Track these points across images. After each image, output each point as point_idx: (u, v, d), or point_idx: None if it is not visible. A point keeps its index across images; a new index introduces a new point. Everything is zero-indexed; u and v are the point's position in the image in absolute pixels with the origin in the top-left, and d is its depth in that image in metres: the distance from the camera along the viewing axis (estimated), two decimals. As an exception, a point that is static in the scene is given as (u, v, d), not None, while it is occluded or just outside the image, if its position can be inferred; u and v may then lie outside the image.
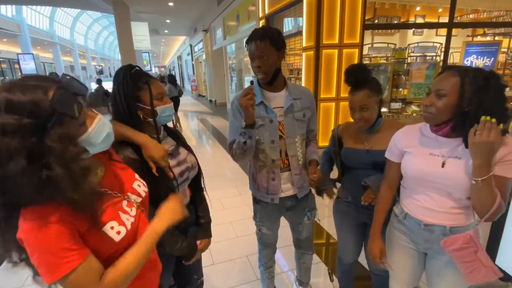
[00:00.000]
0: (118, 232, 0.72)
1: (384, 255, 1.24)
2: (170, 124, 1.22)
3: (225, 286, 2.03)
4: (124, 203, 0.78)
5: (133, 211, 0.79)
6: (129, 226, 0.75)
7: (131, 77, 1.02)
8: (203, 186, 1.32)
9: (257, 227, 1.62)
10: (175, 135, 1.24)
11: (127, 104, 1.01)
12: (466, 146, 0.93)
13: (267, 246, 1.67)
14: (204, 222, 1.30)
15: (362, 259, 2.19)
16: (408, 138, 1.12)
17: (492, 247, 1.80)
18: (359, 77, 1.28)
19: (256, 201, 1.55)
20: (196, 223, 1.30)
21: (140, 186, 0.86)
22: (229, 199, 3.41)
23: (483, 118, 0.85)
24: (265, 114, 1.35)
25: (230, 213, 3.07)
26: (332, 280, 1.97)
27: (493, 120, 0.84)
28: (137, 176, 0.88)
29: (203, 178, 1.31)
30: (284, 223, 1.67)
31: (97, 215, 0.68)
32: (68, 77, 0.68)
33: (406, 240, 1.19)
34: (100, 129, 0.69)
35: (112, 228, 0.71)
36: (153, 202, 0.92)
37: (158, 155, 1.00)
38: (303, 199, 1.52)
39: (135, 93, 1.03)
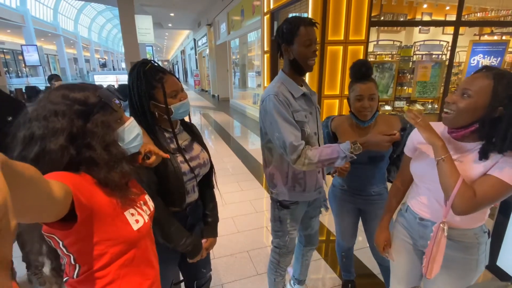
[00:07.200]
0: (137, 221, 0.76)
1: (388, 246, 1.26)
2: (186, 118, 1.21)
3: (225, 280, 2.05)
4: (141, 203, 0.83)
5: (148, 213, 0.83)
6: (146, 219, 0.79)
7: (145, 75, 1.01)
8: (214, 183, 1.31)
9: (285, 236, 1.48)
10: (191, 129, 1.23)
11: (141, 102, 1.02)
12: (481, 156, 0.90)
13: (292, 250, 1.56)
14: (212, 221, 1.30)
15: (363, 257, 2.20)
16: None
17: (494, 248, 1.79)
18: (369, 68, 1.35)
19: (283, 206, 1.42)
20: (203, 221, 1.29)
21: (150, 200, 0.89)
22: (231, 194, 3.42)
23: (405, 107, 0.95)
24: (306, 107, 1.31)
25: (231, 209, 3.07)
26: None
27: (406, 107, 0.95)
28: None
29: (215, 175, 1.30)
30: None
31: (125, 198, 0.74)
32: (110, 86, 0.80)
33: (405, 234, 1.20)
34: (131, 129, 0.79)
35: (132, 214, 0.75)
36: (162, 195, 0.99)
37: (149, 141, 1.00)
38: (322, 189, 1.51)
39: (149, 92, 1.02)
